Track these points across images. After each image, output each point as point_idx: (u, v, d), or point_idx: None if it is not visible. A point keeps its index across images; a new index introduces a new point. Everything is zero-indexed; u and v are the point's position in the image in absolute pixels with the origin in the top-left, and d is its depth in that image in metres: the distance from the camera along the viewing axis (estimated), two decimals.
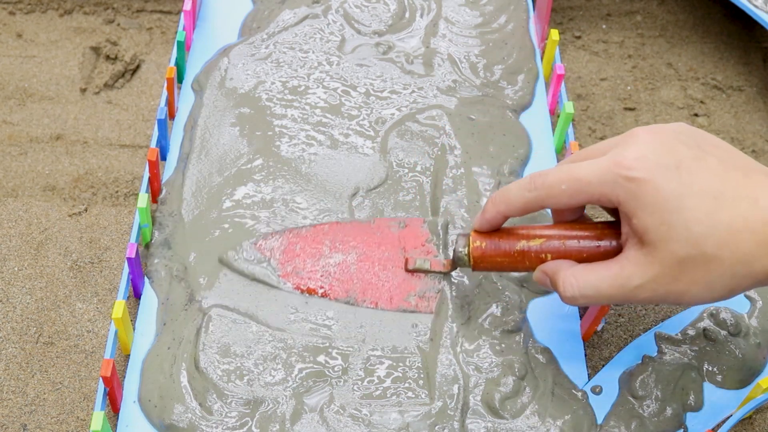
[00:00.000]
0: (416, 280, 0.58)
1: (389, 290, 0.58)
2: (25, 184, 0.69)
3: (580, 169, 0.49)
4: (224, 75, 0.72)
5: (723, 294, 0.48)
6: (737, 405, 0.56)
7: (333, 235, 0.60)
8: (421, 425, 0.53)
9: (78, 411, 0.56)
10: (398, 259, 0.59)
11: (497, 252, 0.53)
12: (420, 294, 0.58)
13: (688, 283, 0.47)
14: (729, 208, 0.46)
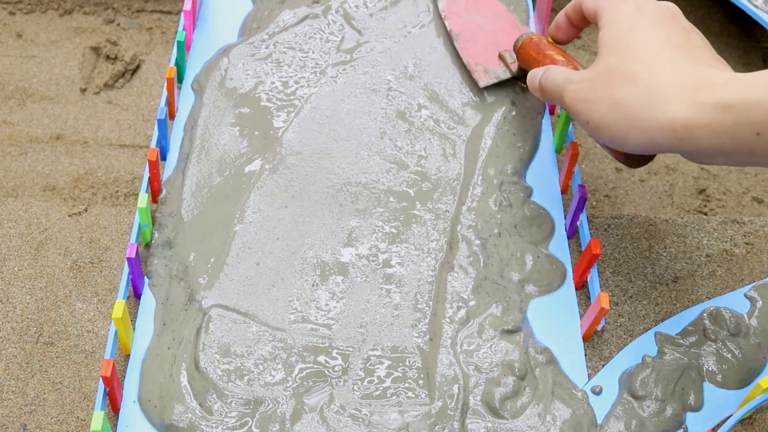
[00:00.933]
0: (496, 62, 0.70)
1: (476, 52, 0.71)
2: (25, 184, 0.69)
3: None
4: (224, 75, 0.72)
5: (623, 122, 0.50)
6: (737, 405, 0.56)
7: (496, 10, 0.74)
8: (421, 425, 0.53)
9: (78, 411, 0.56)
10: (502, 46, 0.71)
11: (535, 47, 0.64)
12: (486, 69, 0.70)
13: (603, 95, 0.51)
14: (675, 52, 0.51)
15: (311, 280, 0.60)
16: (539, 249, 0.63)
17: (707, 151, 0.48)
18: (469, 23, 0.73)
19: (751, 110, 0.45)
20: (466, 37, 0.72)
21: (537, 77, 0.60)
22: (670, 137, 0.48)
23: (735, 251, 0.66)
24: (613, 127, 0.50)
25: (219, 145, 0.67)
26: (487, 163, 0.67)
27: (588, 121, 0.52)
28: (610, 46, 0.53)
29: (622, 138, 0.50)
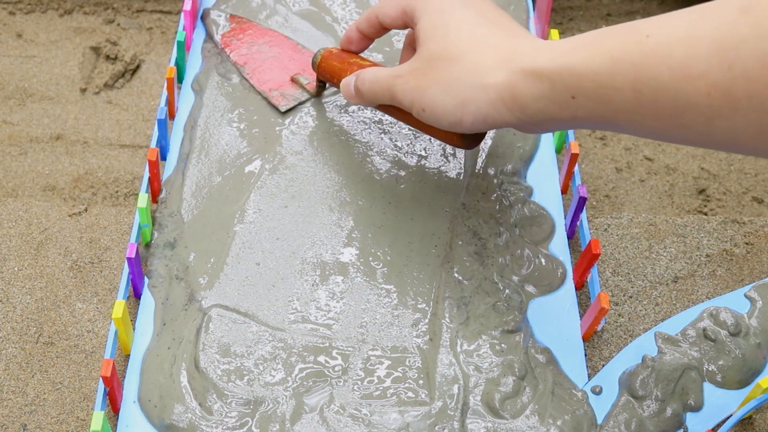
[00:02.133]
0: (290, 85, 0.70)
1: (269, 79, 0.71)
2: (25, 184, 0.69)
3: None
4: (224, 75, 0.72)
5: (456, 102, 0.51)
6: (737, 405, 0.56)
7: (276, 38, 0.74)
8: (421, 425, 0.53)
9: (78, 411, 0.56)
10: (294, 70, 0.71)
11: (337, 59, 0.64)
12: (283, 94, 0.70)
13: (432, 79, 0.52)
14: (491, 27, 0.53)
15: (311, 280, 0.60)
16: (539, 249, 0.63)
17: (539, 119, 0.50)
18: (252, 54, 0.73)
19: (564, 75, 0.47)
20: (253, 66, 0.72)
21: (351, 83, 0.60)
22: (502, 108, 0.50)
23: (735, 251, 0.66)
24: (449, 107, 0.52)
25: (219, 145, 0.67)
26: (487, 163, 0.67)
27: (424, 107, 0.53)
28: (429, 34, 0.54)
29: (459, 117, 0.52)
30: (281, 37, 0.74)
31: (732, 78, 0.40)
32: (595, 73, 0.46)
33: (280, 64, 0.72)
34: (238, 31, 0.74)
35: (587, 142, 0.74)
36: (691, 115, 0.43)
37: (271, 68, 0.72)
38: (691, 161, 0.74)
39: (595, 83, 0.46)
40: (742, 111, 0.41)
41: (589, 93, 0.46)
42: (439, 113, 0.53)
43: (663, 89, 0.43)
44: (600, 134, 0.75)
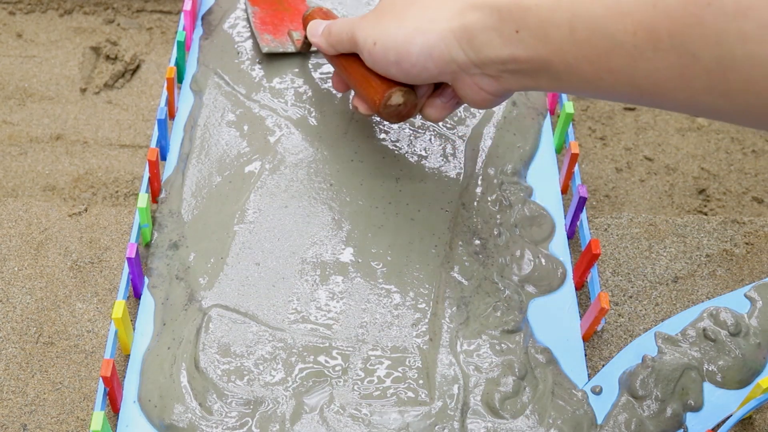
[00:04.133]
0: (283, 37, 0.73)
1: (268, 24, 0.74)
2: (25, 184, 0.69)
3: None
4: (222, 75, 0.72)
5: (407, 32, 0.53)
6: (737, 405, 0.56)
7: None
8: (421, 425, 0.53)
9: (78, 411, 0.56)
10: (293, 25, 0.74)
11: (323, 15, 0.66)
12: (272, 40, 0.72)
13: (389, 16, 0.55)
14: None
15: (311, 280, 0.60)
16: (539, 249, 0.63)
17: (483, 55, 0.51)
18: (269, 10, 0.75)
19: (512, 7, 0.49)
20: (262, 13, 0.74)
21: (321, 25, 0.63)
22: (450, 39, 0.52)
23: (735, 251, 0.66)
24: (399, 37, 0.54)
25: (219, 145, 0.67)
26: (487, 163, 0.67)
27: (375, 40, 0.55)
28: None
29: (407, 48, 0.53)
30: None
31: (655, 15, 0.42)
32: (538, 6, 0.48)
33: (287, 18, 0.74)
34: None
35: (587, 142, 0.74)
36: (619, 56, 0.44)
37: (276, 18, 0.74)
38: (691, 161, 0.74)
39: (538, 18, 0.48)
40: (663, 51, 0.42)
41: (531, 27, 0.48)
42: (389, 44, 0.54)
43: (596, 27, 0.45)
44: (600, 134, 0.75)
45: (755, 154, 0.74)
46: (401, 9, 0.55)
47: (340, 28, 0.60)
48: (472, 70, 0.53)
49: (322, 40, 0.62)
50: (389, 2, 0.57)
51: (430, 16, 0.53)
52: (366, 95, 0.59)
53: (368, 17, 0.57)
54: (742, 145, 0.75)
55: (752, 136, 0.76)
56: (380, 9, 0.57)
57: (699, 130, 0.76)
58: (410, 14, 0.54)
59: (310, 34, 0.64)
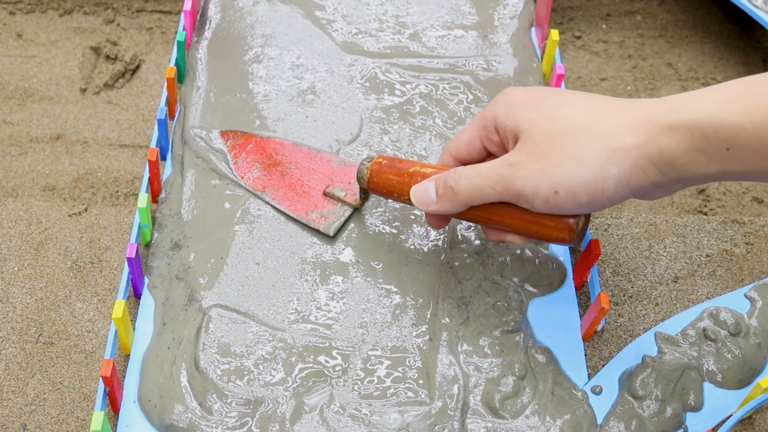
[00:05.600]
0: (326, 202, 0.63)
1: (300, 201, 0.63)
2: (25, 184, 0.69)
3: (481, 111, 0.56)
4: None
5: (596, 170, 0.48)
6: (737, 405, 0.56)
7: (282, 148, 0.66)
8: (421, 425, 0.53)
9: (78, 411, 0.56)
10: (322, 183, 0.64)
11: (391, 170, 0.58)
12: (323, 214, 0.62)
13: (559, 157, 0.49)
14: (600, 100, 0.51)
15: (311, 280, 0.60)
16: (539, 249, 0.63)
17: (685, 172, 0.48)
18: (266, 175, 0.65)
19: (718, 127, 0.46)
20: (275, 191, 0.64)
21: (430, 189, 0.54)
22: (648, 165, 0.48)
23: (735, 251, 0.66)
24: (588, 177, 0.48)
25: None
26: None
27: (556, 188, 0.49)
28: (532, 119, 0.51)
29: (600, 185, 0.48)
30: (287, 145, 0.66)
31: None
32: (755, 125, 0.45)
33: (302, 179, 0.64)
34: (238, 149, 0.66)
35: None
36: None
37: (294, 187, 0.64)
38: None
39: (756, 135, 0.45)
40: None
41: (747, 145, 0.45)
42: (577, 188, 0.48)
43: None
44: None
45: None
46: (570, 144, 0.49)
47: (474, 184, 0.52)
48: (670, 187, 0.50)
49: (444, 204, 0.54)
50: (541, 140, 0.49)
51: (614, 145, 0.48)
52: (542, 234, 0.52)
53: (523, 163, 0.50)
54: None
55: None
56: (536, 152, 0.49)
57: None
58: (589, 148, 0.48)
59: (422, 203, 0.55)
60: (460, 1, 0.79)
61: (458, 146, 0.56)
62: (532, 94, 0.52)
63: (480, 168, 0.52)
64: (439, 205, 0.54)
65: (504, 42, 0.76)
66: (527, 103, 0.52)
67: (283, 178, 0.64)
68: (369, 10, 0.78)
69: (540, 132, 0.50)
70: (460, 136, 0.56)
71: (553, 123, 0.50)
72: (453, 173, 0.53)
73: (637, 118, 0.48)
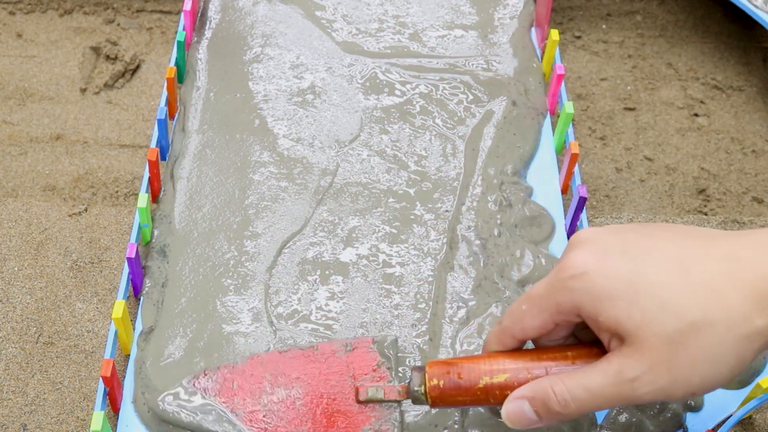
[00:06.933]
0: (370, 411, 0.52)
1: (342, 428, 0.51)
2: (25, 184, 0.69)
3: (534, 287, 0.46)
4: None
5: (734, 365, 0.42)
6: (737, 405, 0.56)
7: (272, 367, 0.53)
8: (421, 425, 0.53)
9: (78, 411, 0.56)
10: (348, 389, 0.52)
11: (457, 390, 0.47)
12: (376, 426, 0.51)
13: (688, 363, 0.42)
14: (701, 268, 0.43)
15: (311, 280, 0.60)
16: (539, 249, 0.63)
17: None
18: (286, 416, 0.52)
19: None
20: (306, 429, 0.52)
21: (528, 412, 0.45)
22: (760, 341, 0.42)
23: None
24: (724, 377, 0.42)
25: (215, 146, 0.67)
26: (487, 163, 0.67)
27: (693, 391, 0.43)
28: (635, 320, 0.42)
29: (737, 374, 0.43)
30: (274, 359, 0.54)
31: None
32: None
33: (324, 396, 0.52)
34: (226, 394, 0.53)
35: (587, 143, 0.74)
36: None
37: (325, 413, 0.52)
38: (691, 161, 0.74)
39: None
40: None
41: None
42: (717, 383, 0.43)
43: None
44: (600, 134, 0.75)
45: (755, 154, 0.74)
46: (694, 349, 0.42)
47: (588, 406, 0.44)
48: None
49: (547, 422, 0.45)
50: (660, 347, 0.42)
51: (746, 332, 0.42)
52: None
53: (648, 376, 0.42)
54: (742, 145, 0.75)
55: (752, 136, 0.76)
56: (657, 359, 0.42)
57: (699, 130, 0.76)
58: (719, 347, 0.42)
59: (524, 426, 0.46)
60: (460, 1, 0.79)
61: (525, 331, 0.47)
62: (618, 283, 0.43)
63: (589, 386, 0.43)
64: (543, 423, 0.46)
65: (504, 42, 0.76)
66: (620, 297, 0.43)
67: (303, 410, 0.52)
68: (369, 10, 0.78)
69: (654, 337, 0.42)
70: (525, 320, 0.46)
71: (666, 323, 0.42)
72: (554, 396, 0.44)
73: (761, 293, 0.42)
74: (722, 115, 0.77)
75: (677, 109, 0.78)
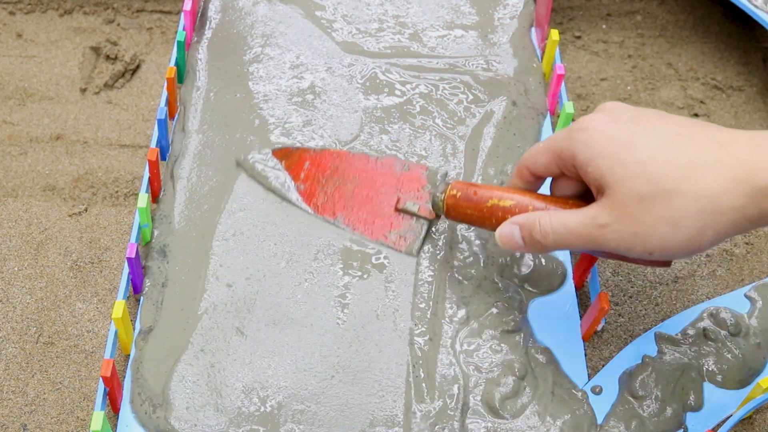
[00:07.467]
0: (402, 219, 0.61)
1: (375, 222, 0.61)
2: (25, 184, 0.69)
3: (554, 134, 0.54)
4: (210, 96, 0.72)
5: (692, 234, 0.46)
6: (737, 405, 0.56)
7: (340, 160, 0.64)
8: (421, 425, 0.53)
9: (78, 411, 0.56)
10: (392, 197, 0.62)
11: (468, 203, 0.56)
12: (401, 233, 0.60)
13: (652, 221, 0.47)
14: (690, 145, 0.47)
15: (311, 279, 0.60)
16: None
17: None
18: (333, 196, 0.63)
19: None
20: (346, 214, 0.62)
21: (515, 235, 0.53)
22: (745, 225, 0.47)
23: (735, 251, 0.65)
24: (683, 241, 0.47)
25: (213, 147, 0.67)
26: (487, 163, 0.67)
27: (651, 251, 0.48)
28: (617, 175, 0.48)
29: (694, 248, 0.47)
30: (344, 155, 0.64)
31: None
32: None
33: (370, 195, 0.62)
34: (296, 170, 0.64)
35: None
36: None
37: (365, 207, 0.62)
38: None
39: None
40: None
41: None
42: (672, 250, 0.48)
43: None
44: None
45: None
46: (661, 209, 0.47)
47: (562, 238, 0.50)
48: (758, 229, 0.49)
49: (531, 250, 0.53)
50: (630, 202, 0.47)
51: (711, 208, 0.46)
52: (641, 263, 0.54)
53: (614, 225, 0.48)
54: None
55: None
56: (626, 214, 0.48)
57: None
58: (684, 213, 0.46)
59: (509, 247, 0.54)
60: (460, 1, 0.79)
61: (536, 167, 0.54)
62: (613, 142, 0.49)
63: (568, 223, 0.50)
64: (526, 249, 0.53)
65: (504, 42, 0.76)
66: (610, 155, 0.48)
67: (351, 199, 0.62)
68: (369, 10, 0.78)
69: (628, 193, 0.47)
70: (537, 157, 0.53)
71: (642, 183, 0.47)
72: (539, 225, 0.51)
73: (737, 179, 0.46)
74: (722, 115, 0.77)
75: (677, 109, 0.78)
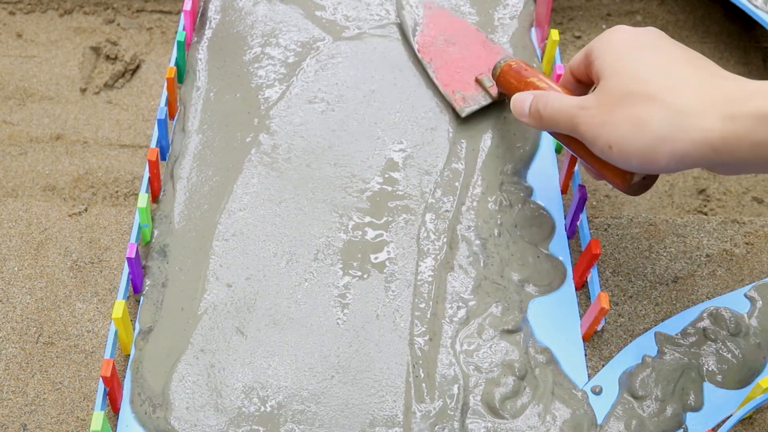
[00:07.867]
0: (473, 87, 0.69)
1: (454, 78, 0.70)
2: (25, 184, 0.69)
3: None
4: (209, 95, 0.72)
5: (651, 141, 0.48)
6: (737, 405, 0.56)
7: (463, 30, 0.73)
8: (421, 425, 0.53)
9: (78, 411, 0.56)
10: (480, 69, 0.70)
11: (516, 75, 0.63)
12: (465, 96, 0.68)
13: (622, 117, 0.49)
14: (685, 67, 0.50)
15: (311, 279, 0.60)
16: (539, 249, 0.63)
17: (744, 163, 0.47)
18: (439, 48, 0.72)
19: None
20: (438, 64, 0.71)
21: (527, 103, 0.58)
22: (707, 151, 0.47)
23: (735, 251, 0.66)
24: (641, 146, 0.49)
25: (212, 147, 0.67)
26: (487, 163, 0.67)
27: (611, 144, 0.50)
28: (615, 69, 0.51)
29: (650, 158, 0.49)
30: (470, 29, 0.73)
31: None
32: None
33: (467, 63, 0.71)
34: (428, 20, 0.73)
35: None
36: None
37: (456, 67, 0.71)
38: None
39: None
40: None
41: None
42: (629, 151, 0.49)
43: None
44: None
45: None
46: (635, 108, 0.49)
47: (553, 114, 0.54)
48: (720, 170, 0.50)
49: (531, 121, 0.57)
50: (614, 95, 0.51)
51: (677, 122, 0.48)
52: (604, 173, 0.55)
53: (592, 110, 0.51)
54: None
55: None
56: (605, 104, 0.51)
57: None
58: (651, 118, 0.48)
59: (516, 113, 0.59)
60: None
61: (572, 64, 0.58)
62: (630, 43, 0.53)
63: (563, 100, 0.54)
64: (527, 120, 0.58)
65: (504, 42, 0.76)
66: (619, 50, 0.52)
67: (451, 57, 0.71)
68: (369, 10, 0.77)
69: (615, 86, 0.51)
70: (575, 56, 0.58)
71: (629, 82, 0.50)
72: (544, 97, 0.56)
73: (713, 101, 0.47)
74: None
75: None
